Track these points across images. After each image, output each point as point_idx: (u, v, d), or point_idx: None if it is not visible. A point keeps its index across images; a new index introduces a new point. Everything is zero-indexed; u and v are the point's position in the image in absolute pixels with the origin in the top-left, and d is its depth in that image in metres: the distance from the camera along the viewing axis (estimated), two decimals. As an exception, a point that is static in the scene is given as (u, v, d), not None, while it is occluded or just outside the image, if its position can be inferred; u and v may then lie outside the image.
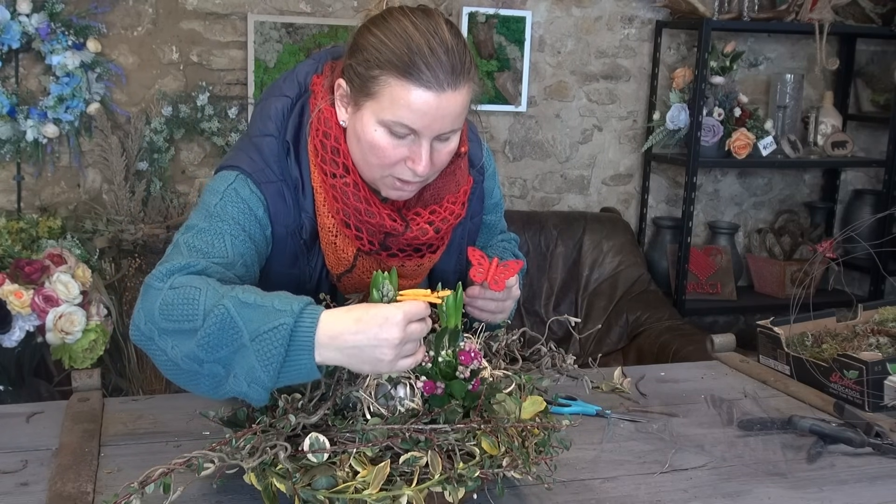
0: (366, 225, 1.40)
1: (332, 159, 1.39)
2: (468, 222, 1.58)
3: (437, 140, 1.33)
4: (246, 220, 1.38)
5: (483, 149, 1.60)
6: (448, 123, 1.31)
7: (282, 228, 1.43)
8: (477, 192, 1.57)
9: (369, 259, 1.45)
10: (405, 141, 1.32)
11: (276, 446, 1.17)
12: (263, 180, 1.41)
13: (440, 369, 1.27)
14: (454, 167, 1.45)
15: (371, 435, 1.19)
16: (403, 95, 1.27)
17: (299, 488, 1.15)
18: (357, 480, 1.16)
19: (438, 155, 1.35)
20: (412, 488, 1.16)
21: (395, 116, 1.29)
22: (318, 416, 1.21)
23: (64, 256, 2.95)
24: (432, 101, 1.28)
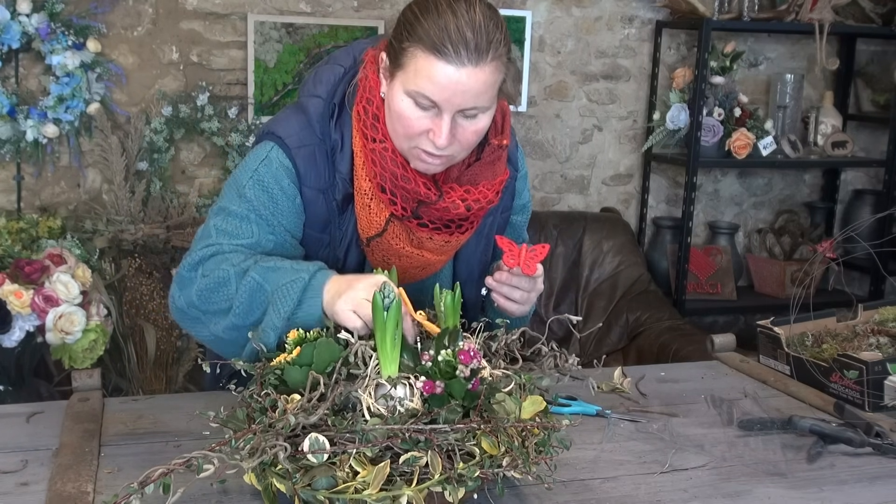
0: (401, 190, 1.46)
1: (372, 124, 1.46)
2: (498, 215, 1.64)
3: (461, 116, 1.39)
4: (275, 196, 1.49)
5: (518, 150, 1.67)
6: (470, 99, 1.37)
7: (312, 191, 1.50)
8: (509, 188, 1.63)
9: (400, 226, 1.51)
10: (429, 113, 1.38)
11: (275, 446, 1.17)
12: (297, 145, 1.49)
13: (440, 369, 1.27)
14: (494, 157, 1.51)
15: (371, 435, 1.19)
16: (426, 67, 1.34)
17: (299, 488, 1.15)
18: (357, 481, 1.16)
19: (464, 132, 1.40)
20: (412, 488, 1.16)
21: (418, 87, 1.36)
22: (317, 416, 1.21)
23: (64, 256, 2.95)
24: (453, 75, 1.34)
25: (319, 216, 1.53)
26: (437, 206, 1.47)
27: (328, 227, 1.54)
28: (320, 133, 1.51)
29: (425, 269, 1.58)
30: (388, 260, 1.54)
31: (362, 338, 1.35)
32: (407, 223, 1.51)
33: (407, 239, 1.52)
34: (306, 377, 1.28)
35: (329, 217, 1.53)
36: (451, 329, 1.35)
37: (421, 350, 1.32)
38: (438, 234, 1.51)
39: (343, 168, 1.51)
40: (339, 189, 1.51)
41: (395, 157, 1.45)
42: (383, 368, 1.28)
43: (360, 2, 3.58)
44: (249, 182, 1.50)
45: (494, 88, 1.40)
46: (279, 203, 1.50)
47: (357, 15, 3.58)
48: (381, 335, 1.28)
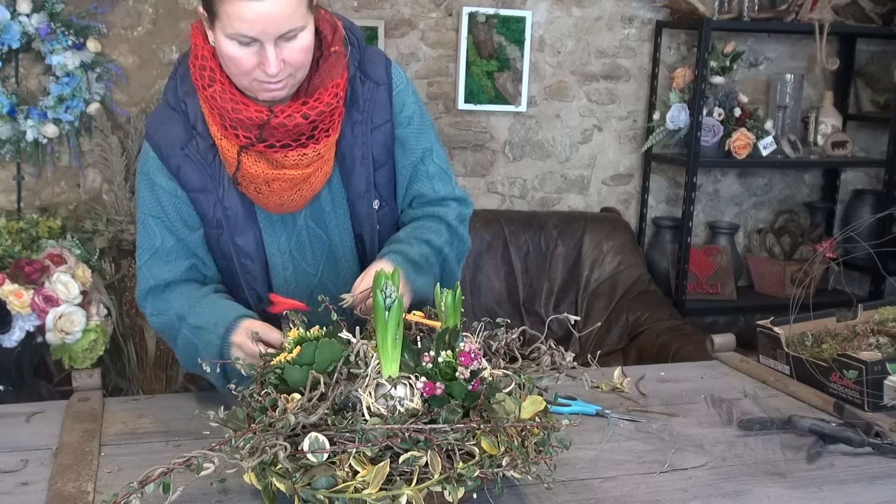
0: (238, 122, 1.55)
1: (199, 74, 1.58)
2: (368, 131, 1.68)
3: (282, 41, 1.49)
4: (157, 194, 1.67)
5: (392, 65, 1.73)
6: (283, 24, 1.47)
7: (177, 157, 1.64)
8: (379, 102, 1.69)
9: (254, 154, 1.59)
10: (253, 48, 1.49)
11: (275, 446, 1.17)
12: (155, 128, 1.66)
13: (440, 370, 1.27)
14: (329, 65, 1.60)
15: (371, 435, 1.19)
16: (234, 10, 1.45)
17: (299, 488, 1.15)
18: (357, 480, 1.16)
19: (291, 52, 1.50)
20: (412, 488, 1.16)
21: (234, 29, 1.47)
22: (317, 415, 1.21)
23: (64, 256, 2.95)
24: (258, 8, 1.44)
25: (194, 178, 1.65)
26: (272, 124, 1.54)
27: (205, 185, 1.65)
28: (174, 104, 1.66)
29: (300, 188, 1.63)
30: (260, 189, 1.62)
31: (364, 337, 1.35)
32: (260, 152, 1.58)
33: (266, 163, 1.59)
34: (307, 376, 1.28)
35: (202, 174, 1.64)
36: (451, 328, 1.35)
37: (421, 350, 1.32)
38: (290, 150, 1.58)
39: (198, 124, 1.63)
40: (199, 143, 1.63)
41: (225, 94, 1.55)
42: (384, 368, 1.28)
43: (360, 2, 3.58)
44: (138, 183, 1.71)
45: (302, 7, 1.49)
46: (162, 200, 1.67)
47: (357, 15, 3.58)
48: (382, 335, 1.28)
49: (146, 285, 1.70)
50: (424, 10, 3.68)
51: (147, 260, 1.69)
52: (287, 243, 1.71)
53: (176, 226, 1.68)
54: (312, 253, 1.73)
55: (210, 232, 1.69)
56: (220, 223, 1.67)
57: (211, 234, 1.70)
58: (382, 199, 1.73)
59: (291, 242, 1.72)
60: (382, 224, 1.74)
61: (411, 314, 1.44)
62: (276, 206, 1.65)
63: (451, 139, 3.79)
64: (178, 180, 1.65)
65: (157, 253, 1.68)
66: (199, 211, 1.68)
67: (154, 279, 1.68)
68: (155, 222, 1.68)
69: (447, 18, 3.70)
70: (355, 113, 1.67)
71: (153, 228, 1.68)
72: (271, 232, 1.70)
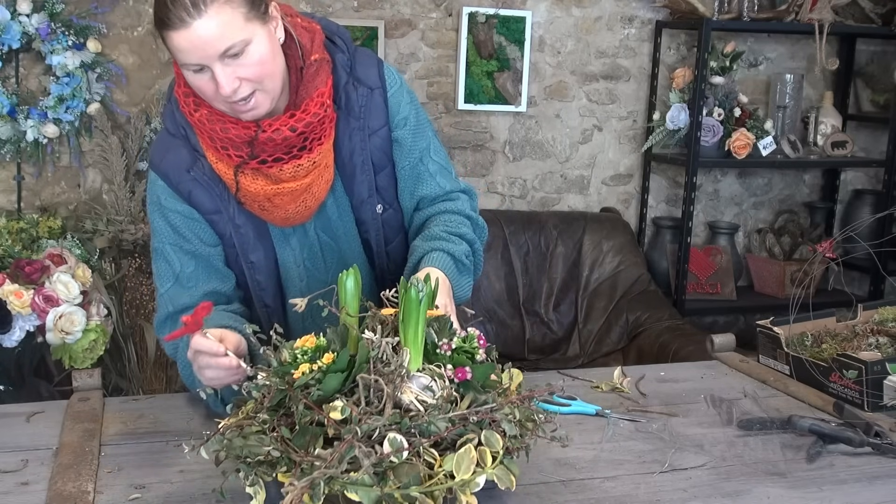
0: (227, 141, 1.55)
1: (185, 101, 1.57)
2: (366, 137, 1.67)
3: (229, 59, 1.45)
4: (170, 220, 1.65)
5: (384, 67, 1.72)
6: (219, 44, 1.43)
7: (187, 183, 1.63)
8: (374, 106, 1.67)
9: (250, 172, 1.58)
10: (206, 74, 1.47)
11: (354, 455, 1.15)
12: (160, 156, 1.64)
13: (456, 356, 1.30)
14: (313, 73, 1.58)
15: (433, 427, 1.19)
16: (170, 43, 1.45)
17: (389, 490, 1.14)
18: (444, 469, 1.17)
19: (243, 69, 1.47)
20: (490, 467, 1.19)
21: (180, 61, 1.48)
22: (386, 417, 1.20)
23: (64, 256, 2.95)
24: (187, 36, 1.42)
25: (205, 201, 1.64)
26: (261, 139, 1.53)
27: (217, 206, 1.65)
28: (173, 130, 1.65)
29: (303, 199, 1.62)
30: (263, 205, 1.62)
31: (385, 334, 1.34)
32: (251, 166, 1.57)
33: (263, 180, 1.58)
34: (342, 382, 1.26)
35: (212, 196, 1.64)
36: (440, 317, 1.36)
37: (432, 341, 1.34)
38: (284, 163, 1.56)
39: (199, 147, 1.62)
40: (203, 165, 1.62)
41: (213, 115, 1.54)
42: (413, 361, 1.28)
43: (360, 2, 3.58)
44: (150, 213, 1.70)
45: (237, 20, 1.44)
46: (177, 225, 1.66)
47: (357, 15, 3.58)
48: (414, 330, 1.28)
49: (165, 311, 1.68)
50: (424, 10, 3.68)
51: (170, 287, 1.67)
52: (301, 255, 1.72)
53: (195, 246, 1.67)
54: (325, 262, 1.73)
55: (227, 250, 1.69)
56: (235, 243, 1.67)
57: (228, 253, 1.70)
58: (385, 203, 1.72)
59: (305, 254, 1.72)
60: (387, 227, 1.74)
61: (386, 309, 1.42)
62: (283, 219, 1.65)
63: (451, 139, 3.79)
64: (191, 203, 1.64)
65: (178, 279, 1.67)
66: (216, 231, 1.67)
67: (173, 305, 1.66)
68: (173, 249, 1.67)
69: (447, 18, 3.70)
70: (352, 120, 1.65)
71: (172, 255, 1.67)
72: (286, 245, 1.71)
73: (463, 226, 1.72)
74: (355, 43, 1.81)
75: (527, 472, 1.39)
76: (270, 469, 1.21)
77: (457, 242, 1.67)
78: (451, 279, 1.59)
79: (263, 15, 1.49)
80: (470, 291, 1.68)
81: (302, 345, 1.31)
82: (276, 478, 1.21)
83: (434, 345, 1.31)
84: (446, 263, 1.61)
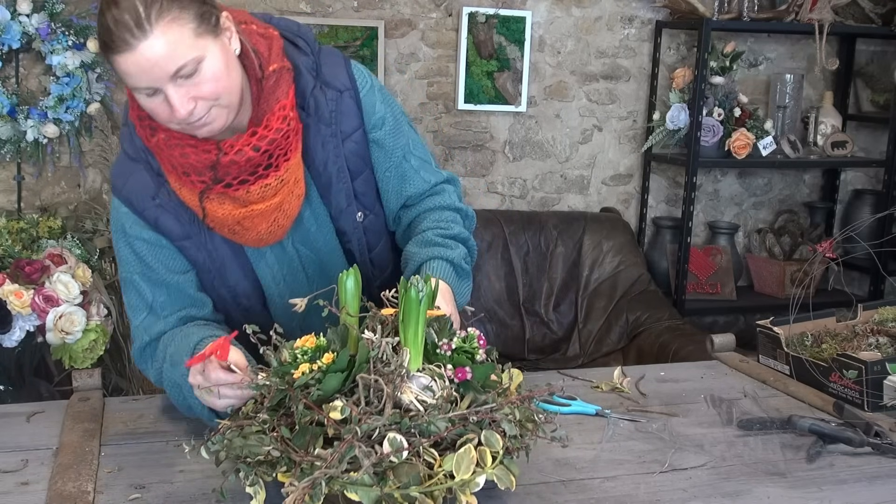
0: (188, 167, 1.47)
1: (140, 125, 1.49)
2: (339, 143, 1.59)
3: (180, 79, 1.36)
4: (137, 251, 1.58)
5: (352, 67, 1.62)
6: (168, 65, 1.34)
7: (152, 210, 1.55)
8: (345, 109, 1.59)
9: (215, 197, 1.51)
10: (159, 97, 1.38)
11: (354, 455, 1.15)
12: (122, 182, 1.56)
13: (456, 356, 1.30)
14: (273, 85, 1.49)
15: (433, 427, 1.19)
16: (117, 67, 1.36)
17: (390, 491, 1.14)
18: (444, 469, 1.17)
19: (197, 88, 1.38)
20: (490, 466, 1.19)
21: (129, 85, 1.38)
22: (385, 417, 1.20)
23: (64, 256, 2.95)
24: (134, 59, 1.33)
25: (174, 227, 1.56)
26: (223, 163, 1.45)
27: (187, 232, 1.57)
28: (133, 154, 1.55)
29: (274, 217, 1.55)
30: (234, 228, 1.54)
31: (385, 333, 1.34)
32: (216, 191, 1.49)
33: (231, 204, 1.51)
34: (342, 382, 1.26)
35: (181, 221, 1.56)
36: (440, 317, 1.36)
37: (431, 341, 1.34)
38: (250, 184, 1.49)
39: (162, 171, 1.54)
40: (168, 190, 1.54)
41: (170, 140, 1.46)
42: (413, 361, 1.28)
43: (360, 2, 3.58)
44: (115, 241, 1.61)
45: (186, 38, 1.34)
46: (143, 255, 1.58)
47: (357, 15, 3.58)
48: (414, 330, 1.28)
49: (141, 342, 1.61)
50: (424, 10, 3.68)
51: (144, 318, 1.60)
52: (280, 271, 1.65)
53: (164, 276, 1.59)
54: (306, 275, 1.67)
55: (203, 276, 1.62)
56: (210, 267, 1.60)
57: (204, 278, 1.62)
58: (365, 209, 1.66)
59: (284, 270, 1.65)
60: (369, 233, 1.69)
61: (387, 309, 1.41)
62: (256, 241, 1.58)
63: (451, 139, 3.79)
64: (158, 230, 1.57)
65: (152, 309, 1.59)
66: (188, 257, 1.59)
67: (149, 335, 1.60)
68: (142, 279, 1.59)
69: (447, 18, 3.70)
70: (322, 127, 1.57)
71: (142, 286, 1.59)
72: (262, 264, 1.64)
73: (455, 223, 1.69)
74: (355, 43, 1.77)
75: (527, 472, 1.39)
76: (270, 469, 1.21)
77: (453, 247, 1.64)
78: (453, 286, 1.57)
79: (214, 28, 1.39)
80: (470, 295, 1.65)
81: (302, 345, 1.31)
82: (275, 478, 1.21)
83: (434, 345, 1.32)
84: (446, 272, 1.58)
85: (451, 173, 1.78)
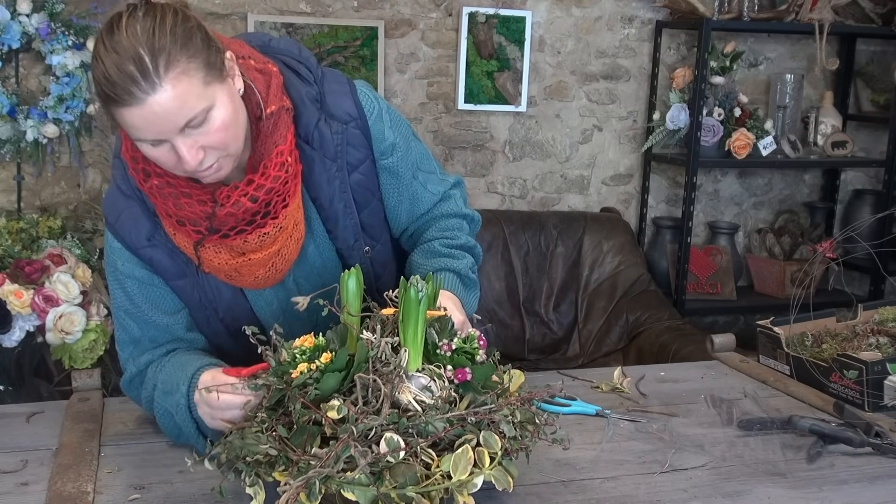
0: (184, 217, 1.42)
1: (133, 167, 1.42)
2: (346, 177, 1.53)
3: (189, 129, 1.29)
4: (129, 292, 1.53)
5: (357, 92, 1.55)
6: (178, 118, 1.27)
7: (147, 250, 1.49)
8: (347, 140, 1.52)
9: (212, 248, 1.46)
10: (165, 147, 1.31)
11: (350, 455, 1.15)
12: (115, 218, 1.49)
13: (456, 357, 1.30)
14: (271, 128, 1.41)
15: (431, 427, 1.19)
16: (122, 119, 1.28)
17: (386, 491, 1.14)
18: (441, 469, 1.17)
19: (206, 137, 1.31)
20: (488, 467, 1.19)
21: (133, 136, 1.31)
22: (383, 416, 1.20)
23: (64, 256, 2.95)
24: (140, 112, 1.26)
25: (169, 267, 1.51)
26: (220, 215, 1.39)
27: (183, 271, 1.52)
28: (127, 191, 1.49)
29: (273, 263, 1.49)
30: (231, 274, 1.49)
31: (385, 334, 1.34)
32: (212, 241, 1.44)
33: (227, 253, 1.46)
34: (341, 382, 1.25)
35: (174, 259, 1.50)
36: (441, 317, 1.36)
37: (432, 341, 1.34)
38: (247, 234, 1.43)
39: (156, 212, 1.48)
40: (163, 232, 1.48)
41: (164, 188, 1.39)
42: (412, 361, 1.28)
43: (360, 2, 3.58)
44: (107, 274, 1.57)
45: (195, 88, 1.27)
46: (133, 295, 1.53)
47: (357, 15, 3.58)
48: (413, 330, 1.28)
49: (130, 374, 1.56)
50: (424, 10, 3.68)
51: (131, 352, 1.56)
52: (279, 308, 1.58)
53: (152, 317, 1.53)
54: (307, 311, 1.58)
55: (197, 314, 1.56)
56: (206, 305, 1.55)
57: (199, 318, 1.57)
58: (372, 240, 1.60)
59: (284, 306, 1.57)
60: (376, 264, 1.63)
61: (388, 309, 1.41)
62: (254, 284, 1.53)
63: (451, 139, 3.79)
64: (153, 268, 1.51)
65: (139, 344, 1.55)
66: (181, 296, 1.54)
67: (136, 366, 1.55)
68: (129, 317, 1.55)
69: (447, 18, 3.70)
70: (328, 161, 1.50)
71: (130, 324, 1.55)
72: (261, 300, 1.58)
73: (460, 231, 1.67)
74: (355, 43, 1.75)
75: (527, 472, 1.39)
76: (270, 469, 1.21)
77: (459, 257, 1.61)
78: (460, 297, 1.54)
79: (220, 72, 1.31)
80: (476, 305, 1.62)
81: (301, 344, 1.31)
82: (275, 477, 1.21)
83: (434, 345, 1.32)
84: (454, 284, 1.56)
85: (457, 177, 1.75)
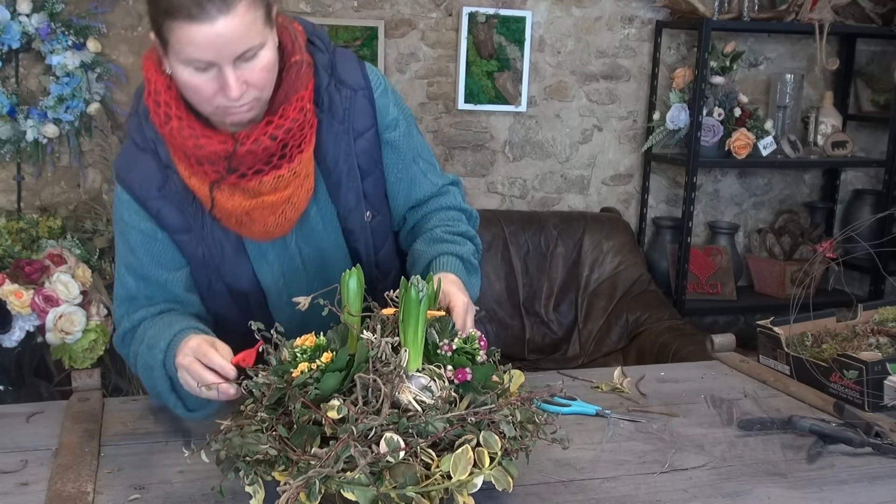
0: (203, 157, 1.46)
1: (155, 111, 1.47)
2: (351, 141, 1.59)
3: (241, 62, 1.38)
4: (132, 244, 1.58)
5: (367, 67, 1.64)
6: (238, 45, 1.36)
7: (156, 201, 1.54)
8: (355, 107, 1.59)
9: (227, 187, 1.50)
10: (210, 73, 1.38)
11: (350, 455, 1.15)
12: (126, 169, 1.56)
13: (456, 357, 1.30)
14: (293, 76, 1.49)
15: (431, 427, 1.19)
16: (183, 36, 1.34)
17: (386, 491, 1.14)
18: (441, 470, 1.17)
19: (252, 73, 1.39)
20: (488, 468, 1.19)
21: (187, 55, 1.36)
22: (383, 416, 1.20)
23: (64, 256, 2.95)
24: (210, 31, 1.33)
25: (176, 220, 1.56)
26: (240, 153, 1.45)
27: (190, 226, 1.57)
28: (141, 143, 1.55)
29: (283, 210, 1.54)
30: (241, 220, 1.54)
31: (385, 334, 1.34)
32: (229, 181, 1.49)
33: (241, 195, 1.50)
34: (341, 382, 1.26)
35: (185, 214, 1.56)
36: (442, 317, 1.37)
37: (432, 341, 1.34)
38: (264, 174, 1.48)
39: (171, 162, 1.53)
40: (175, 182, 1.54)
41: (184, 130, 1.45)
42: (412, 361, 1.28)
43: (360, 2, 3.58)
44: (114, 227, 1.63)
45: (258, 23, 1.38)
46: (136, 247, 1.57)
47: (357, 15, 3.58)
48: (414, 330, 1.28)
49: (123, 329, 1.61)
50: (424, 10, 3.68)
51: (127, 308, 1.61)
52: (280, 269, 1.63)
53: (151, 272, 1.58)
54: (307, 275, 1.65)
55: (199, 273, 1.61)
56: (209, 262, 1.59)
57: (200, 276, 1.61)
58: (374, 209, 1.66)
59: (284, 268, 1.63)
60: (375, 235, 1.68)
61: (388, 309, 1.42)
62: (262, 233, 1.57)
63: (451, 139, 3.79)
64: (159, 222, 1.56)
65: (135, 300, 1.60)
66: (184, 252, 1.59)
67: (130, 322, 1.60)
68: (128, 272, 1.60)
69: (447, 18, 3.70)
70: (336, 123, 1.57)
71: (129, 280, 1.60)
72: (263, 261, 1.62)
73: (461, 222, 1.71)
74: (355, 43, 1.78)
75: (527, 472, 1.39)
76: (269, 468, 1.21)
77: (461, 243, 1.65)
78: (463, 281, 1.56)
79: (271, 18, 1.43)
80: (478, 291, 1.66)
81: (301, 343, 1.31)
82: (274, 477, 1.21)
83: (435, 345, 1.32)
84: (456, 266, 1.59)
85: (455, 176, 1.80)
